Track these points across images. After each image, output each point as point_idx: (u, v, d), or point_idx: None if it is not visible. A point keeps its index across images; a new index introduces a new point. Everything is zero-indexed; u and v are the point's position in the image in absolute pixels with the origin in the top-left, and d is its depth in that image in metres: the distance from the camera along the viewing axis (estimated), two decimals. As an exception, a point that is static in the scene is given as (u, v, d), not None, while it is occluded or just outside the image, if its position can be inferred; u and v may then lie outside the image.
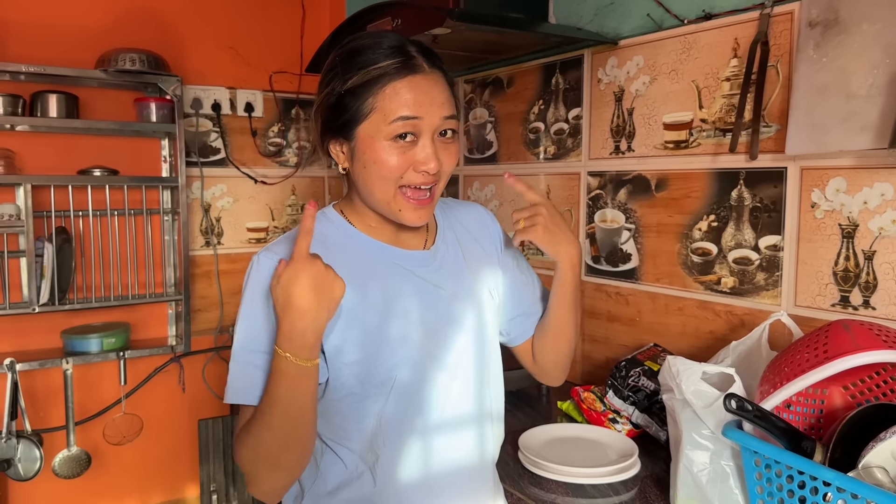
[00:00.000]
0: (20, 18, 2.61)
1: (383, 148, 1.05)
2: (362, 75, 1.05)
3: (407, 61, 1.05)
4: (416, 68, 1.06)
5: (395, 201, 1.08)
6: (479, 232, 1.30)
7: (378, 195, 1.09)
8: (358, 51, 1.08)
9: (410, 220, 1.09)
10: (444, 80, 1.10)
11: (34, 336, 2.71)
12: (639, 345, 1.95)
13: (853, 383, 1.27)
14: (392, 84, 1.04)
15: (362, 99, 1.05)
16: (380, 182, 1.07)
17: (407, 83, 1.05)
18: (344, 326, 1.08)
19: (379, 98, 1.04)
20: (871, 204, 1.46)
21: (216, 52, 3.02)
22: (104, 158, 2.75)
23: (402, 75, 1.05)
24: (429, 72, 1.07)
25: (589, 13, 2.08)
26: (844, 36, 1.45)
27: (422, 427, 1.14)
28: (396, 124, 1.04)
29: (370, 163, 1.06)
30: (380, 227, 1.16)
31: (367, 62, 1.05)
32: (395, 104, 1.04)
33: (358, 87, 1.05)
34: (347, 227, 1.16)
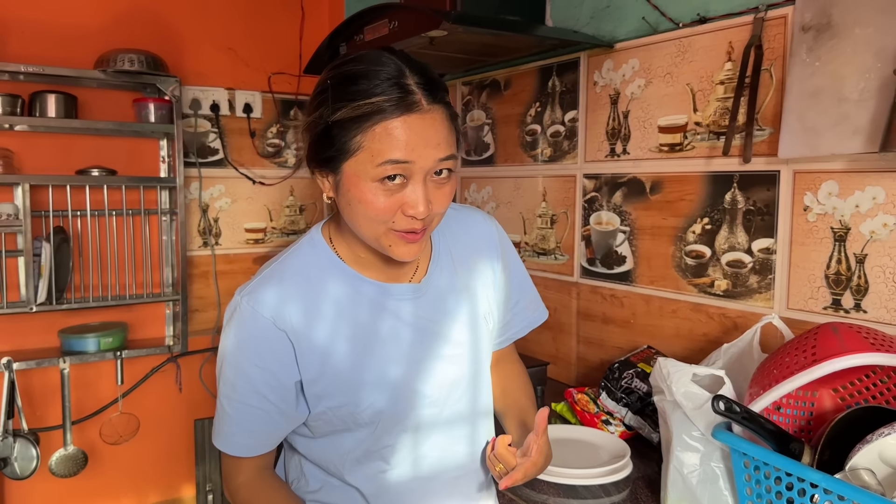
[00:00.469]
0: (19, 18, 2.62)
1: (369, 189, 0.97)
2: (352, 108, 0.95)
3: (403, 98, 0.95)
4: (412, 106, 0.95)
5: (384, 238, 1.01)
6: (477, 247, 1.24)
7: (365, 233, 1.03)
8: (351, 78, 0.97)
9: (401, 254, 1.03)
10: (444, 116, 0.99)
11: (31, 335, 2.72)
12: (633, 347, 1.95)
13: (843, 385, 1.28)
14: (383, 123, 0.94)
15: (350, 135, 0.95)
16: (366, 221, 1.00)
17: (400, 123, 0.94)
18: (324, 370, 1.07)
19: (368, 137, 0.95)
20: (863, 207, 1.46)
21: (215, 53, 3.03)
22: (102, 158, 2.76)
23: (396, 114, 0.94)
24: (427, 109, 0.96)
25: (585, 16, 2.09)
26: (837, 40, 1.45)
27: (409, 456, 1.15)
28: (385, 167, 0.95)
29: (355, 202, 0.99)
30: (369, 256, 1.10)
31: (359, 94, 0.95)
32: (385, 145, 0.94)
33: (346, 120, 0.95)
34: (333, 258, 1.11)
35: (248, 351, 1.05)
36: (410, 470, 1.14)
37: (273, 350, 1.05)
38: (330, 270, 1.10)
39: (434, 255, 1.18)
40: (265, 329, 1.04)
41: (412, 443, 1.14)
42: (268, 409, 1.07)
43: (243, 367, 1.06)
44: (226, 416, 1.09)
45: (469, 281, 1.21)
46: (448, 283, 1.18)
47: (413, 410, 1.13)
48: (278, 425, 1.11)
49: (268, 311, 1.04)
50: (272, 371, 1.06)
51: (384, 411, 1.10)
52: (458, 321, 1.17)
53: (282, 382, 1.07)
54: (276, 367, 1.06)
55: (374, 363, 1.09)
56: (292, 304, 1.06)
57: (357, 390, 1.08)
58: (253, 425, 1.09)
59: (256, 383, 1.06)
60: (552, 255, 2.28)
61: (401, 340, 1.11)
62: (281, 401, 1.08)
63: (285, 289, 1.06)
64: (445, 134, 0.99)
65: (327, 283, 1.09)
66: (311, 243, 1.12)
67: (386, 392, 1.10)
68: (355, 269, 1.10)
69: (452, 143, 1.01)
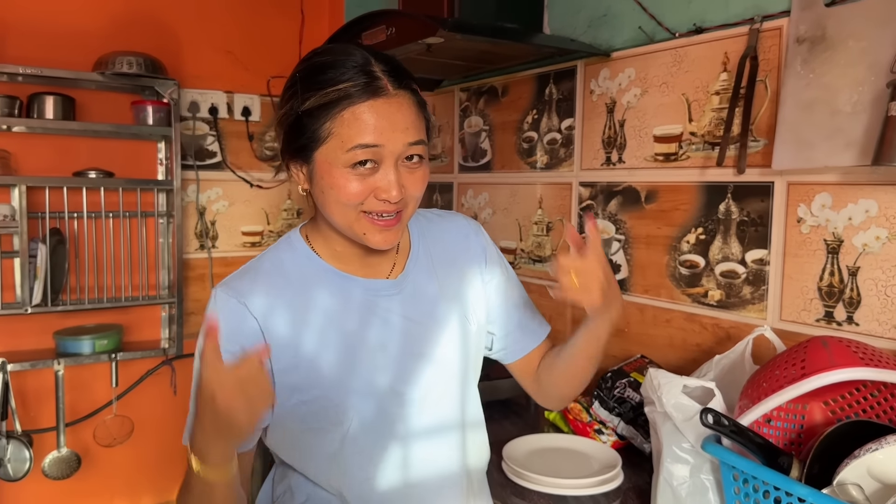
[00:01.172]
0: (17, 20, 2.62)
1: (341, 174, 0.99)
2: (320, 96, 0.98)
3: (370, 83, 0.98)
4: (378, 91, 0.98)
5: (358, 224, 1.03)
6: (458, 250, 1.24)
7: (338, 220, 1.04)
8: (319, 68, 1.01)
9: (376, 242, 1.04)
10: (411, 102, 1.02)
11: (26, 337, 2.71)
12: (626, 356, 1.95)
13: (833, 399, 1.28)
14: (351, 108, 0.97)
15: (319, 122, 0.98)
16: (339, 207, 1.02)
17: (368, 107, 0.97)
18: (297, 362, 1.06)
19: (337, 123, 0.97)
20: (856, 220, 1.46)
21: (214, 57, 3.03)
22: (100, 160, 2.76)
23: (363, 99, 0.97)
24: (393, 94, 0.99)
25: (583, 25, 2.09)
26: (831, 52, 1.46)
27: (390, 456, 1.13)
28: (355, 152, 0.97)
29: (327, 188, 1.01)
30: (346, 251, 1.11)
31: (326, 82, 0.98)
32: (354, 130, 0.97)
33: (315, 108, 0.98)
34: (311, 255, 1.12)
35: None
36: (396, 477, 1.13)
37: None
38: (306, 265, 1.11)
39: (412, 255, 1.18)
40: (236, 313, 1.04)
41: (398, 448, 1.13)
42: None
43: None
44: (193, 413, 1.06)
45: (451, 285, 1.20)
46: (426, 284, 1.17)
47: (396, 412, 1.12)
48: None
49: (241, 297, 1.05)
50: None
51: (357, 407, 1.08)
52: (437, 322, 1.16)
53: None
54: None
55: (348, 357, 1.08)
56: (266, 295, 1.06)
57: (329, 383, 1.07)
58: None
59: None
60: (548, 262, 2.28)
61: (376, 336, 1.10)
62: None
63: (260, 281, 1.07)
64: (413, 119, 1.01)
65: (302, 276, 1.10)
66: (288, 241, 1.14)
67: (359, 388, 1.09)
68: (332, 263, 1.11)
69: (421, 129, 1.03)
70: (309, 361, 1.07)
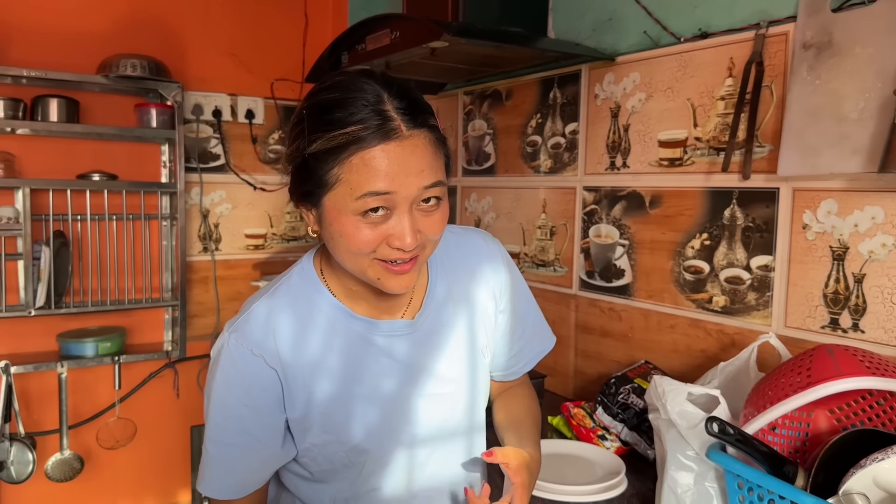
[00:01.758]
0: (23, 23, 2.62)
1: (351, 223, 0.92)
2: (327, 139, 0.90)
3: (381, 125, 0.89)
4: (391, 133, 0.89)
5: (371, 270, 0.96)
6: (477, 274, 1.18)
7: (350, 266, 0.98)
8: (327, 106, 0.92)
9: (391, 287, 0.97)
10: (428, 141, 0.93)
11: (30, 339, 2.72)
12: (631, 361, 1.95)
13: (839, 407, 1.27)
14: (360, 154, 0.89)
15: (327, 167, 0.91)
16: (350, 255, 0.95)
17: (379, 152, 0.89)
18: (309, 408, 1.05)
19: (345, 169, 0.89)
20: (862, 227, 1.46)
21: (218, 59, 3.03)
22: (104, 163, 2.76)
23: (374, 143, 0.89)
24: (407, 136, 0.90)
25: (587, 29, 2.09)
26: (838, 59, 1.45)
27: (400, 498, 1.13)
28: (365, 200, 0.89)
29: (337, 236, 0.94)
30: (360, 291, 1.05)
31: (333, 123, 0.90)
32: (364, 177, 0.89)
33: (322, 152, 0.90)
34: (323, 292, 1.06)
35: (237, 389, 1.02)
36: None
37: (263, 388, 1.02)
38: (320, 305, 1.06)
39: (430, 288, 1.13)
40: (254, 367, 1.01)
41: (402, 484, 1.13)
42: (257, 449, 1.05)
43: (232, 407, 1.03)
44: (212, 460, 1.05)
45: (467, 313, 1.16)
46: (443, 319, 1.13)
47: (402, 451, 1.11)
48: (267, 463, 1.08)
49: (257, 349, 1.01)
50: (262, 409, 1.03)
51: (370, 452, 1.08)
52: (452, 357, 1.13)
53: (271, 421, 1.04)
54: (266, 404, 1.03)
55: (361, 403, 1.07)
56: (281, 340, 1.03)
57: (341, 429, 1.06)
58: (241, 465, 1.06)
59: (245, 423, 1.03)
60: (551, 266, 2.28)
61: (389, 380, 1.08)
62: (270, 439, 1.05)
63: (275, 325, 1.03)
64: (429, 160, 0.93)
65: (317, 319, 1.05)
66: (302, 275, 1.08)
67: (372, 433, 1.08)
68: (346, 303, 1.06)
69: (439, 169, 0.95)
70: (321, 407, 1.05)
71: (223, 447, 1.05)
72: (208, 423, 1.05)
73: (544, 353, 1.30)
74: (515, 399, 1.30)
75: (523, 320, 1.26)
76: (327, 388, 1.05)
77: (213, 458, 1.06)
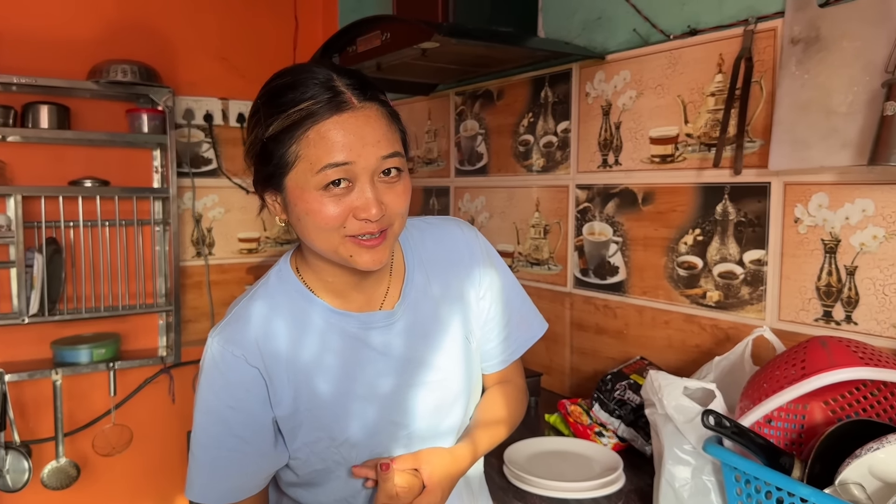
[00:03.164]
0: (12, 30, 2.62)
1: (315, 198, 0.94)
2: (283, 119, 0.93)
3: (332, 98, 0.93)
4: (342, 105, 0.93)
5: (342, 248, 0.98)
6: (455, 260, 1.19)
7: (321, 246, 0.99)
8: (280, 90, 0.96)
9: (365, 263, 0.99)
10: (380, 114, 0.97)
11: (24, 347, 2.71)
12: (626, 357, 1.96)
13: (833, 399, 1.28)
14: (315, 127, 0.92)
15: (285, 146, 0.94)
16: (319, 233, 0.97)
17: (333, 124, 0.92)
18: (297, 405, 1.05)
19: (303, 145, 0.93)
20: (853, 220, 1.47)
21: (209, 63, 3.03)
22: (95, 169, 2.76)
23: (327, 115, 0.92)
24: (359, 107, 0.95)
25: (577, 28, 2.10)
26: (825, 53, 1.46)
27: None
28: (325, 172, 0.92)
29: (303, 215, 0.96)
30: (337, 281, 1.07)
31: (287, 103, 0.93)
32: (322, 150, 0.92)
33: (279, 132, 0.94)
34: (302, 290, 1.08)
35: (221, 392, 1.03)
36: None
37: (246, 388, 1.02)
38: (299, 302, 1.07)
39: (407, 277, 1.14)
40: (237, 367, 1.02)
41: None
42: (246, 451, 1.04)
43: (217, 411, 1.03)
44: (200, 467, 1.05)
45: (448, 300, 1.17)
46: (423, 310, 1.13)
47: (398, 447, 1.11)
48: (259, 467, 1.07)
49: (238, 349, 1.02)
50: (248, 410, 1.03)
51: (362, 446, 1.08)
52: (437, 346, 1.14)
53: (258, 421, 1.04)
54: (251, 405, 1.03)
55: (352, 396, 1.07)
56: (262, 340, 1.04)
57: (333, 424, 1.06)
58: (229, 469, 1.05)
59: (232, 426, 1.03)
60: (545, 265, 2.28)
61: (376, 373, 1.08)
62: (260, 441, 1.05)
63: (255, 326, 1.04)
64: (384, 131, 0.96)
65: (297, 316, 1.06)
66: (279, 276, 1.10)
67: (363, 426, 1.08)
68: (324, 297, 1.08)
69: (395, 141, 0.98)
70: (308, 404, 1.05)
71: (210, 451, 1.04)
72: (195, 429, 1.05)
73: (534, 339, 1.29)
74: (488, 399, 1.27)
75: (508, 307, 1.25)
76: (314, 382, 1.05)
77: (201, 463, 1.05)
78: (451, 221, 1.24)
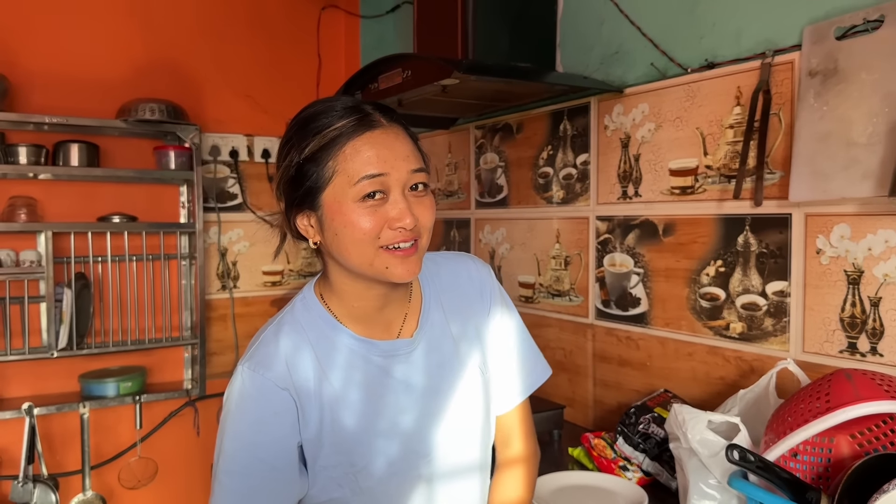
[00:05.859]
0: (44, 71, 2.70)
1: (352, 210, 1.00)
2: (319, 139, 1.01)
3: (363, 118, 1.02)
4: (373, 124, 1.02)
5: (378, 260, 1.02)
6: (468, 295, 1.22)
7: (357, 260, 1.03)
8: (311, 118, 1.04)
9: (400, 275, 1.03)
10: (405, 134, 1.06)
11: (52, 380, 2.75)
12: (650, 390, 1.94)
13: (860, 432, 1.27)
14: (351, 143, 1.00)
15: (322, 163, 1.00)
16: (355, 246, 1.01)
17: (366, 140, 1.00)
18: (322, 428, 1.06)
19: (339, 160, 1.00)
20: (876, 250, 1.46)
21: (234, 101, 3.10)
22: (124, 205, 2.82)
23: (360, 132, 1.01)
24: (388, 126, 1.03)
25: (595, 62, 2.12)
26: (844, 85, 1.47)
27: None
28: (362, 184, 0.99)
29: (341, 228, 1.01)
30: (362, 306, 1.10)
31: (321, 126, 1.01)
32: (358, 163, 0.99)
33: (316, 152, 1.01)
34: (326, 317, 1.11)
35: (249, 416, 1.03)
36: None
37: (276, 411, 1.04)
38: (324, 329, 1.10)
39: (424, 308, 1.17)
40: (268, 390, 1.03)
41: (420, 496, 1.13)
42: (273, 478, 1.04)
43: (245, 435, 1.04)
44: (225, 492, 1.04)
45: (462, 331, 1.19)
46: (440, 336, 1.16)
47: (417, 473, 1.12)
48: (286, 495, 1.07)
49: (269, 373, 1.04)
50: (275, 435, 1.04)
51: (380, 472, 1.09)
52: (453, 374, 1.15)
53: (285, 446, 1.05)
54: (279, 429, 1.04)
55: (374, 424, 1.08)
56: (291, 363, 1.05)
57: (355, 455, 1.07)
58: (255, 496, 1.04)
59: (259, 451, 1.03)
60: (567, 296, 2.29)
61: (399, 408, 1.10)
62: (286, 467, 1.05)
63: (283, 350, 1.06)
64: (411, 148, 1.05)
65: (322, 343, 1.08)
66: (304, 304, 1.12)
67: (384, 451, 1.09)
68: (347, 324, 1.10)
69: (420, 159, 1.06)
70: (331, 429, 1.06)
71: (236, 477, 1.04)
72: (221, 456, 1.05)
73: (538, 383, 1.30)
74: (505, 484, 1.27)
75: (516, 347, 1.27)
76: (338, 408, 1.07)
77: (227, 489, 1.04)
78: (465, 257, 1.28)
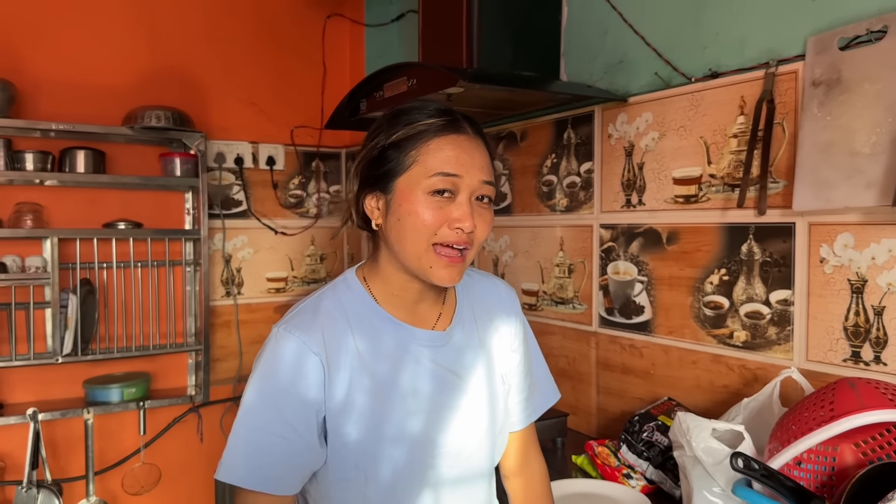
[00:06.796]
0: (50, 78, 2.72)
1: (420, 201, 1.05)
2: (407, 129, 1.07)
3: (453, 121, 1.08)
4: (460, 129, 1.08)
5: (426, 256, 1.06)
6: (497, 311, 1.28)
7: (409, 249, 1.07)
8: (405, 111, 1.11)
9: (441, 278, 1.07)
10: (485, 148, 1.11)
11: (57, 386, 2.76)
12: (653, 398, 1.95)
13: (864, 440, 1.27)
14: (436, 140, 1.06)
15: (405, 151, 1.07)
16: (413, 235, 1.06)
17: (450, 141, 1.07)
18: (347, 402, 1.07)
19: (422, 151, 1.06)
20: (879, 259, 1.46)
21: (240, 109, 3.11)
22: (129, 211, 2.83)
23: (447, 133, 1.07)
24: (472, 135, 1.09)
25: (599, 71, 2.14)
26: (847, 95, 1.48)
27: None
28: (436, 178, 1.04)
29: (405, 215, 1.06)
30: (401, 295, 1.14)
31: (413, 119, 1.08)
32: (437, 160, 1.05)
33: (402, 140, 1.07)
34: (366, 299, 1.14)
35: (279, 373, 1.05)
36: None
37: (304, 373, 1.05)
38: (361, 308, 1.13)
39: (458, 309, 1.22)
40: (299, 351, 1.05)
41: (429, 497, 1.14)
42: (291, 439, 1.04)
43: (271, 392, 1.04)
44: (242, 443, 1.05)
45: (488, 341, 1.23)
46: (468, 338, 1.20)
47: (425, 461, 1.13)
48: (303, 461, 1.06)
49: (303, 335, 1.06)
50: (301, 396, 1.04)
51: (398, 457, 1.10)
52: (476, 375, 1.19)
53: (309, 410, 1.05)
54: (306, 391, 1.04)
55: (401, 407, 1.10)
56: (327, 333, 1.08)
57: (379, 427, 1.09)
58: (272, 453, 1.04)
59: (283, 410, 1.04)
60: (570, 304, 2.29)
61: (427, 387, 1.13)
62: (306, 430, 1.05)
63: (322, 318, 1.09)
64: (487, 161, 1.10)
65: (359, 318, 1.12)
66: (346, 283, 1.16)
67: (406, 436, 1.10)
68: (386, 308, 1.14)
69: (493, 174, 1.11)
70: (357, 404, 1.08)
71: (256, 431, 1.05)
72: (244, 409, 1.05)
73: (548, 405, 1.36)
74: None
75: (533, 368, 1.33)
76: (366, 385, 1.08)
77: (244, 440, 1.05)
78: (496, 278, 1.35)
